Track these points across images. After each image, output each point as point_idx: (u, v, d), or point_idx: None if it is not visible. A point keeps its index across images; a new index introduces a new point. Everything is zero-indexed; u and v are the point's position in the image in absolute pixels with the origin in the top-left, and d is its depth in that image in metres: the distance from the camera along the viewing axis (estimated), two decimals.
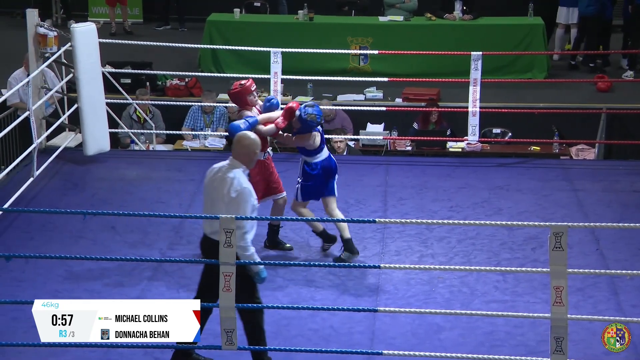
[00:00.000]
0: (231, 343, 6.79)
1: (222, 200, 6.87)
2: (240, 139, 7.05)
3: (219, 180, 6.91)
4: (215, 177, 6.95)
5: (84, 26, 11.02)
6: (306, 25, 15.14)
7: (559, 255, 6.50)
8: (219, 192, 6.88)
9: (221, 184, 6.89)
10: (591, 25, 15.12)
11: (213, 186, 6.94)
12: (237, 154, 6.98)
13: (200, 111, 12.93)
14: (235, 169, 6.92)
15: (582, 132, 12.92)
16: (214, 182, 6.94)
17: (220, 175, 6.92)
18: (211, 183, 6.96)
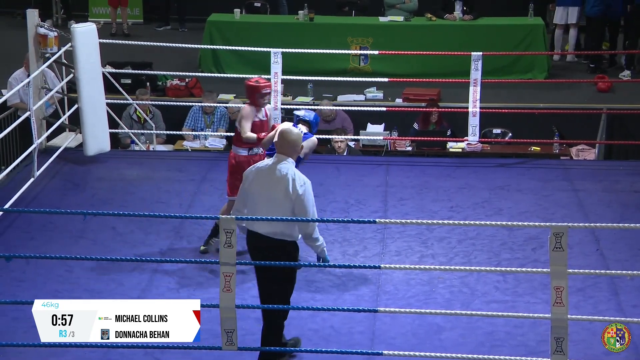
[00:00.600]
0: (231, 343, 6.79)
1: (287, 197, 6.80)
2: (285, 134, 6.97)
3: (277, 180, 6.84)
4: (268, 177, 6.87)
5: (84, 26, 11.03)
6: (306, 26, 15.14)
7: (559, 255, 6.50)
8: (280, 190, 6.82)
9: (280, 182, 6.83)
10: (595, 25, 15.09)
11: (268, 186, 6.86)
12: (284, 149, 6.92)
13: (200, 111, 12.93)
14: (287, 164, 6.88)
15: (583, 132, 12.92)
16: (269, 182, 6.86)
17: (275, 173, 6.85)
18: (264, 183, 6.88)
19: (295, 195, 6.81)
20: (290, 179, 6.82)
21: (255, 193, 6.92)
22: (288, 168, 6.87)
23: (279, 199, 6.83)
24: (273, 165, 6.89)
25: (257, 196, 6.92)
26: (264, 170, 6.92)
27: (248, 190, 6.97)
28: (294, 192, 6.81)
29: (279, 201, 6.83)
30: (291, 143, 6.94)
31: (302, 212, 6.84)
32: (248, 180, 6.98)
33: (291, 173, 6.85)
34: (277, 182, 6.84)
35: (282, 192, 6.82)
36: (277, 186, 6.83)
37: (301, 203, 6.83)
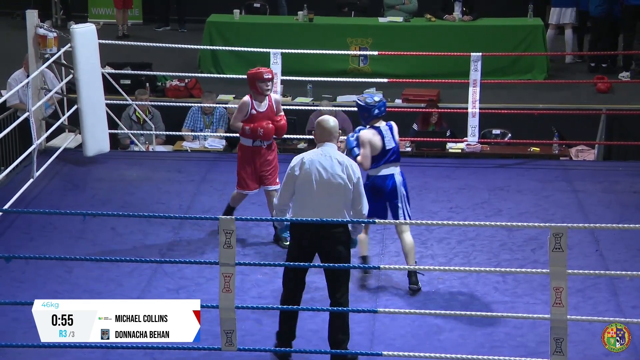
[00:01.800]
0: (231, 344, 6.79)
1: (350, 181, 7.03)
2: (323, 123, 7.15)
3: (335, 166, 7.03)
4: (325, 165, 7.03)
5: (84, 27, 11.03)
6: (306, 26, 15.13)
7: (558, 256, 6.51)
8: (340, 177, 7.01)
9: (339, 168, 7.03)
10: (601, 25, 15.05)
11: (327, 173, 7.01)
12: (325, 137, 7.12)
13: (200, 112, 12.93)
14: (336, 150, 7.10)
15: (582, 133, 12.92)
16: (326, 169, 7.02)
17: (332, 161, 7.05)
18: (321, 171, 7.02)
19: (356, 179, 7.06)
20: (344, 165, 7.06)
21: (312, 181, 7.03)
22: (340, 154, 7.12)
23: (341, 184, 7.01)
24: (325, 153, 7.07)
25: (314, 184, 7.02)
26: (318, 158, 7.06)
27: (300, 181, 7.05)
28: (355, 175, 7.06)
29: (340, 186, 7.01)
30: (331, 130, 7.12)
31: (358, 193, 7.08)
32: (300, 171, 7.05)
33: (345, 159, 7.11)
34: (338, 167, 7.03)
35: (344, 177, 7.02)
36: (338, 172, 7.02)
37: (359, 185, 7.08)
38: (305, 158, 7.08)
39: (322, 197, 7.03)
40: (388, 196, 8.37)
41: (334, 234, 7.04)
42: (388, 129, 8.33)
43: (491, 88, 13.26)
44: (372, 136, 8.24)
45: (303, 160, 7.08)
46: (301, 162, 7.07)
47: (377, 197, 8.29)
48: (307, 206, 7.06)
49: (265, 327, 7.64)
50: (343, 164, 7.06)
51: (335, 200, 7.03)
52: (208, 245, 9.08)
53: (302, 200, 7.08)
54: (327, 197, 7.03)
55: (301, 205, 7.09)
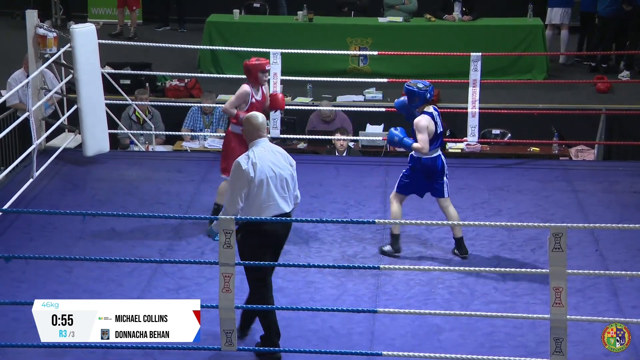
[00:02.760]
0: (231, 344, 6.79)
1: (293, 170, 7.32)
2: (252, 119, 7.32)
3: (280, 159, 7.26)
4: (272, 159, 7.20)
5: (84, 27, 11.03)
6: (306, 26, 15.13)
7: (558, 256, 6.51)
8: (286, 167, 7.26)
9: (283, 159, 7.29)
10: (610, 25, 15.03)
11: (276, 167, 7.19)
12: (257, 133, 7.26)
13: (199, 112, 12.93)
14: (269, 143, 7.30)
15: (582, 133, 12.92)
16: (274, 163, 7.19)
17: (275, 154, 7.25)
18: (272, 166, 7.17)
19: (294, 165, 7.34)
20: (284, 152, 7.34)
21: (271, 180, 7.14)
22: (275, 146, 7.36)
23: (289, 174, 7.25)
24: (267, 149, 7.22)
25: (274, 182, 7.15)
26: (266, 156, 7.16)
27: (257, 182, 7.08)
28: (293, 162, 7.34)
29: (290, 176, 7.26)
30: (262, 125, 7.29)
31: (296, 179, 7.37)
32: (254, 172, 7.08)
33: (281, 149, 7.35)
34: (282, 160, 7.25)
35: (289, 168, 7.27)
36: (284, 164, 7.25)
37: (295, 171, 7.36)
38: (253, 159, 7.13)
39: (280, 192, 7.19)
40: (438, 175, 8.82)
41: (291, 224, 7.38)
42: (437, 114, 8.79)
43: (491, 88, 13.27)
44: (429, 122, 8.65)
45: (253, 161, 7.12)
46: (252, 163, 7.10)
47: (428, 177, 8.82)
48: (271, 204, 7.14)
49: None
50: (284, 154, 7.32)
51: (289, 192, 7.26)
52: (208, 245, 9.08)
53: (262, 200, 7.12)
54: (283, 190, 7.21)
55: (261, 205, 7.12)
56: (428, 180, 8.84)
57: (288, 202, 7.24)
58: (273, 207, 7.15)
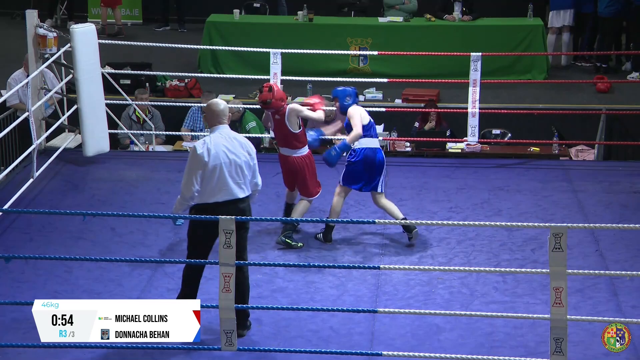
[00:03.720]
0: (231, 344, 6.79)
1: (250, 157, 7.48)
2: (214, 106, 7.57)
3: (237, 145, 7.45)
4: (228, 145, 7.39)
5: (84, 27, 11.03)
6: (306, 26, 15.13)
7: (558, 256, 6.51)
8: (243, 154, 7.43)
9: (240, 146, 7.46)
10: (610, 25, 15.00)
11: (232, 153, 7.38)
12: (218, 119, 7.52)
13: (199, 112, 12.92)
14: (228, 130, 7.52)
15: (582, 133, 12.92)
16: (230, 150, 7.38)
17: (232, 141, 7.43)
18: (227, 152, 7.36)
19: (254, 153, 7.52)
20: (245, 140, 7.53)
21: (225, 166, 7.36)
22: (236, 133, 7.58)
23: (245, 162, 7.43)
24: (224, 135, 7.44)
25: (228, 168, 7.37)
26: (221, 141, 7.40)
27: (210, 166, 7.32)
28: (252, 150, 7.53)
29: (245, 163, 7.43)
30: (222, 112, 7.52)
31: (256, 167, 7.56)
32: (208, 157, 7.34)
33: (242, 138, 7.55)
34: (239, 147, 7.44)
35: (245, 155, 7.45)
36: (240, 151, 7.43)
37: (256, 160, 7.54)
38: (209, 144, 7.37)
39: (233, 178, 7.38)
40: (377, 169, 9.13)
41: (244, 208, 7.45)
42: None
43: (491, 88, 13.27)
44: (361, 110, 9.13)
45: (207, 146, 7.36)
46: (207, 149, 7.35)
47: (367, 169, 9.13)
48: (222, 187, 7.36)
49: (265, 327, 7.65)
50: (242, 142, 7.49)
51: (244, 178, 7.43)
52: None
53: (216, 185, 7.36)
54: (237, 176, 7.40)
55: (213, 189, 7.36)
56: (366, 173, 9.08)
57: (243, 189, 7.43)
58: (225, 192, 7.37)
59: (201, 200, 7.39)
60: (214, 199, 7.35)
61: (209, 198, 7.35)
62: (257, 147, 12.57)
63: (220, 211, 7.19)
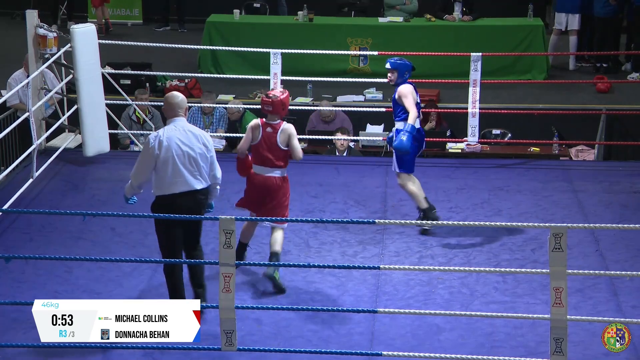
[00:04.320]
0: (231, 344, 6.79)
1: (207, 149, 7.55)
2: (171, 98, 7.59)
3: (193, 137, 7.52)
4: (184, 138, 7.48)
5: (84, 27, 11.02)
6: (306, 26, 15.14)
7: (558, 256, 6.51)
8: (199, 145, 7.51)
9: (197, 138, 7.54)
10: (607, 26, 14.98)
11: (187, 145, 7.47)
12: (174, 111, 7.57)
13: (199, 112, 12.93)
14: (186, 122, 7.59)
15: (582, 133, 12.92)
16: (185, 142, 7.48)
17: (188, 133, 7.51)
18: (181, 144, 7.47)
19: (211, 147, 7.59)
20: (201, 133, 7.59)
21: (178, 157, 7.46)
22: (192, 126, 7.64)
23: (200, 154, 7.50)
24: (178, 127, 7.51)
25: (181, 159, 7.46)
26: (174, 134, 7.48)
27: (162, 158, 7.45)
28: (209, 143, 7.59)
29: (200, 156, 7.51)
30: (179, 104, 7.55)
31: (213, 160, 7.64)
32: (160, 149, 7.45)
33: (198, 130, 7.61)
34: (193, 139, 7.51)
35: (200, 147, 7.51)
36: (195, 143, 7.51)
37: (213, 153, 7.64)
38: (162, 136, 7.48)
39: (189, 167, 7.48)
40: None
41: (202, 200, 7.60)
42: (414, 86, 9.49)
43: (491, 88, 13.27)
44: (411, 90, 9.38)
45: (160, 138, 7.47)
46: (159, 141, 7.46)
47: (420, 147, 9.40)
48: (177, 178, 7.48)
49: (265, 327, 7.65)
50: (197, 134, 7.55)
51: (199, 170, 7.52)
52: (208, 246, 9.07)
53: (171, 177, 7.48)
54: (192, 168, 7.49)
55: (169, 181, 7.49)
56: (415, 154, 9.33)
57: (200, 180, 7.53)
58: (181, 184, 7.48)
59: (160, 192, 7.54)
60: (171, 191, 7.49)
61: (167, 190, 7.50)
62: None
63: (178, 202, 7.46)
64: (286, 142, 8.30)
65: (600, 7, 14.87)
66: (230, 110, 12.63)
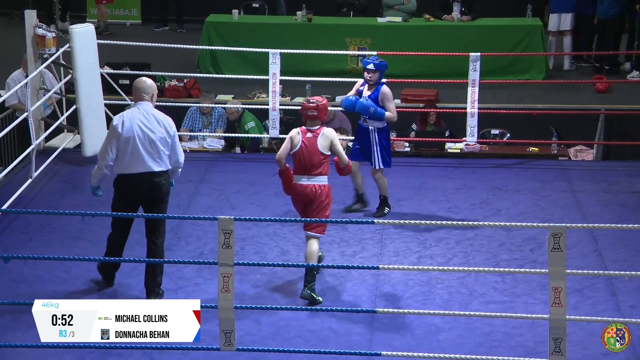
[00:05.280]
0: (230, 344, 6.79)
1: (168, 136, 7.84)
2: (140, 83, 7.95)
3: (155, 122, 7.84)
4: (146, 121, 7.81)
5: (83, 27, 11.03)
6: (305, 26, 15.13)
7: (557, 256, 6.51)
8: (161, 131, 7.83)
9: (159, 123, 7.85)
10: (611, 27, 14.97)
11: (148, 129, 7.81)
12: (141, 96, 7.91)
13: (198, 112, 12.92)
14: (152, 107, 7.93)
15: (581, 133, 12.92)
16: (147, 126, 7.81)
17: (151, 117, 7.84)
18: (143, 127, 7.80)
19: (172, 132, 7.88)
20: (164, 118, 7.90)
21: (138, 139, 7.80)
22: (156, 111, 7.93)
23: (160, 137, 7.81)
24: (141, 110, 7.85)
25: (141, 141, 7.80)
26: (137, 116, 7.83)
27: (124, 138, 7.80)
28: (171, 129, 7.88)
29: (160, 139, 7.82)
30: (146, 89, 7.90)
31: (175, 145, 7.92)
32: (122, 129, 7.81)
33: (162, 115, 7.92)
34: (155, 123, 7.84)
35: (161, 131, 7.83)
36: (157, 127, 7.83)
37: (175, 138, 7.92)
38: (125, 117, 7.86)
39: (148, 149, 7.80)
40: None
41: (163, 179, 7.91)
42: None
43: (490, 88, 13.27)
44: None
45: (123, 119, 7.84)
46: (122, 121, 7.83)
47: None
48: (136, 159, 7.82)
49: (264, 327, 7.65)
50: (160, 119, 7.86)
51: (159, 153, 7.83)
52: (207, 246, 9.09)
53: (130, 157, 7.83)
54: (152, 148, 7.81)
55: (130, 159, 7.83)
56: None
57: (159, 163, 7.85)
58: (139, 164, 7.83)
59: (120, 171, 7.92)
60: (129, 170, 7.86)
61: (126, 169, 7.87)
62: (256, 148, 12.62)
63: (136, 182, 7.85)
64: (328, 147, 8.19)
65: (605, 8, 14.83)
66: (229, 111, 12.63)
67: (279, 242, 9.20)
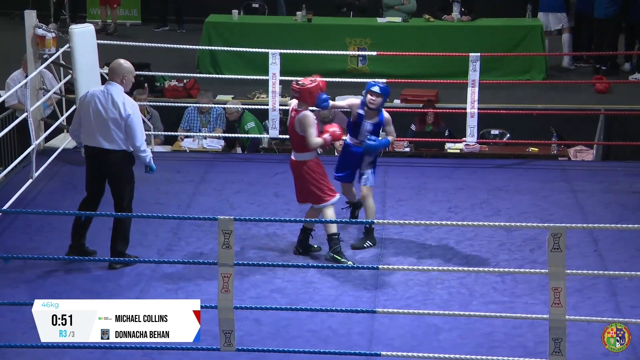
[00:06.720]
0: (230, 344, 6.79)
1: (121, 119, 8.30)
2: (115, 65, 8.56)
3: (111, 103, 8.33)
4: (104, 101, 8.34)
5: (82, 27, 11.02)
6: (304, 26, 15.13)
7: (557, 256, 6.51)
8: (115, 112, 8.32)
9: (114, 105, 8.33)
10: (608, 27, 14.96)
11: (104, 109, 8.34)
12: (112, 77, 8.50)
13: (196, 112, 12.92)
14: (117, 89, 8.44)
15: (581, 133, 12.93)
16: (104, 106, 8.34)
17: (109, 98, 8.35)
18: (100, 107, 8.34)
19: (126, 115, 8.30)
20: (122, 101, 8.33)
21: (92, 115, 8.36)
22: (119, 93, 8.39)
23: (112, 118, 8.30)
24: (105, 90, 8.40)
25: (93, 117, 8.35)
26: (98, 93, 8.38)
27: (83, 111, 8.41)
28: (125, 112, 8.30)
29: (111, 119, 8.30)
30: (117, 71, 8.48)
31: (130, 128, 8.33)
32: (83, 104, 8.43)
33: (121, 98, 8.36)
34: (111, 105, 8.33)
35: (115, 113, 8.31)
36: (112, 109, 8.32)
37: (130, 121, 8.32)
38: (88, 93, 8.45)
39: (99, 126, 8.33)
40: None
41: (114, 158, 8.40)
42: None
43: (490, 88, 13.27)
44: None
45: (87, 94, 8.46)
46: (85, 95, 8.47)
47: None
48: (89, 132, 8.39)
49: (264, 327, 7.65)
50: (115, 101, 8.33)
51: (109, 131, 8.32)
52: (207, 246, 9.09)
53: (85, 128, 8.42)
54: (103, 126, 8.32)
55: (85, 132, 8.44)
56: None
57: (109, 142, 8.34)
58: (91, 138, 8.41)
59: (82, 140, 8.57)
60: (86, 142, 8.50)
61: (84, 140, 8.51)
62: (256, 148, 12.62)
63: (90, 154, 8.49)
64: (301, 129, 8.65)
65: (602, 8, 14.82)
66: (229, 111, 12.62)
67: (279, 242, 9.20)
